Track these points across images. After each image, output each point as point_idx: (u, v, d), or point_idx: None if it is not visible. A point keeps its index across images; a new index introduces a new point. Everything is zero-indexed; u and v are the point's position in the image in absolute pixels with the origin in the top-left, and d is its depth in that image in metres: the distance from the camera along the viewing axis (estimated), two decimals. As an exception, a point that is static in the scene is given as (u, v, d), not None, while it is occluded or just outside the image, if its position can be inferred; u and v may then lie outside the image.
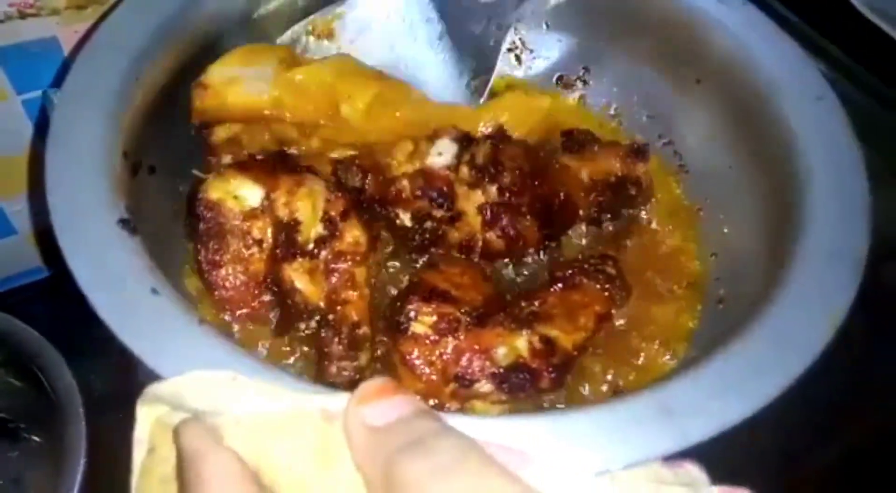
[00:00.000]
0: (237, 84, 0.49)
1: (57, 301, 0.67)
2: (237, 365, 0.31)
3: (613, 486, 0.28)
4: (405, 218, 0.47)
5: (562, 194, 0.49)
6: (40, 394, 0.54)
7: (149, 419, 0.30)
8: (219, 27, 0.49)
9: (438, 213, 0.47)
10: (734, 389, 0.32)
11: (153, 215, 0.43)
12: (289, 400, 0.29)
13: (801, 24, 0.78)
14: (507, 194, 0.46)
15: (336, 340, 0.41)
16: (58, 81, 0.51)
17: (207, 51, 0.49)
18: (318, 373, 0.41)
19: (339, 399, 0.28)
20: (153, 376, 0.30)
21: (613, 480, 0.28)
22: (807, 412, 0.52)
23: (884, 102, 0.72)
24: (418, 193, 0.46)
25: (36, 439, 0.59)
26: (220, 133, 0.50)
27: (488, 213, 0.46)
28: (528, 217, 0.47)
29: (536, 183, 0.47)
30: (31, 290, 0.70)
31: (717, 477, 0.29)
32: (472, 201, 0.47)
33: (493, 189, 0.46)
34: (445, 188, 0.46)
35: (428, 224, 0.47)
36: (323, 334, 0.41)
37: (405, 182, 0.46)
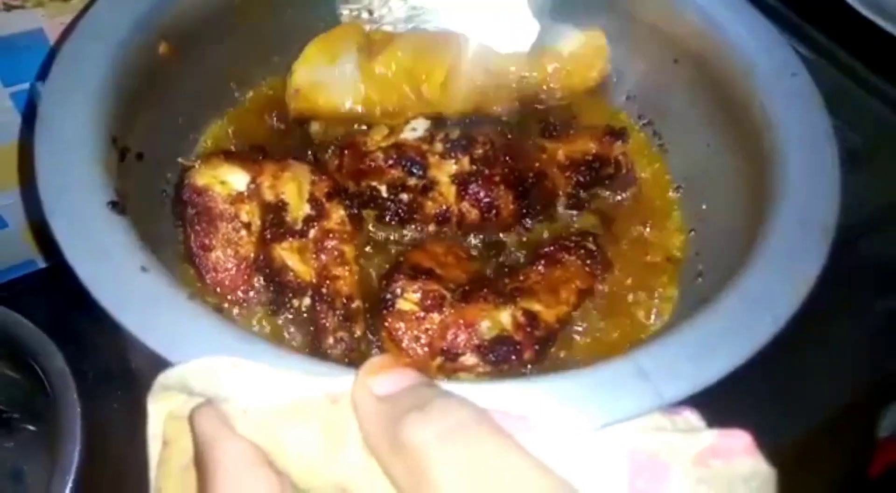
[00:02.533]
0: (325, 88, 0.52)
1: (50, 294, 0.68)
2: (227, 338, 0.32)
3: (613, 439, 0.29)
4: (381, 190, 0.48)
5: (536, 169, 0.50)
6: (35, 384, 0.54)
7: (161, 413, 0.31)
8: (204, 12, 0.50)
9: (412, 181, 0.48)
10: (707, 352, 0.33)
11: (141, 202, 0.43)
12: (293, 386, 0.29)
13: (782, 7, 0.79)
14: (479, 165, 0.48)
15: (331, 313, 0.42)
16: (45, 73, 0.52)
17: (193, 37, 0.49)
18: (314, 347, 0.42)
19: (343, 381, 0.29)
20: (146, 361, 0.31)
21: (612, 435, 0.29)
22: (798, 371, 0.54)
23: (864, 85, 0.74)
24: (391, 161, 0.47)
25: (31, 428, 0.60)
26: (316, 127, 0.53)
27: (460, 182, 0.48)
28: (502, 188, 0.48)
29: (509, 157, 0.48)
30: (24, 283, 0.71)
31: (716, 422, 0.30)
32: (444, 171, 0.48)
33: (465, 160, 0.48)
34: (417, 157, 0.47)
35: (403, 196, 0.48)
36: (318, 309, 0.42)
37: (379, 153, 0.47)
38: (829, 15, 0.72)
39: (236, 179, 0.44)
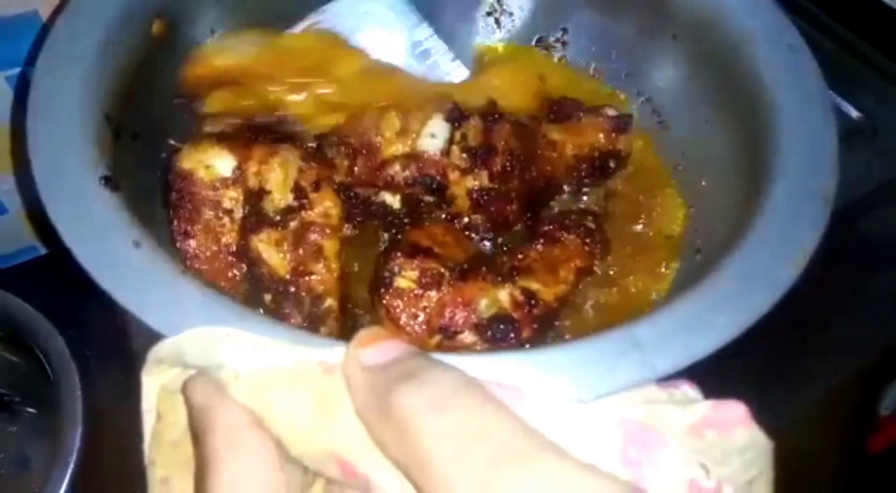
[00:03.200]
0: (225, 51, 0.49)
1: (51, 279, 0.68)
2: (221, 311, 0.32)
3: (606, 410, 0.29)
4: (394, 201, 0.48)
5: (547, 173, 0.50)
6: (36, 367, 0.54)
7: (154, 388, 0.31)
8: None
9: (430, 198, 0.47)
10: (701, 325, 0.33)
11: (135, 182, 0.43)
12: (287, 354, 0.29)
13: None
14: (497, 181, 0.47)
15: (297, 311, 0.41)
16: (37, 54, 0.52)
17: (187, 16, 0.49)
18: None
19: (338, 351, 0.29)
20: (144, 337, 0.31)
21: (607, 405, 0.29)
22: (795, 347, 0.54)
23: (869, 64, 0.73)
24: (411, 180, 0.46)
25: (33, 411, 0.60)
26: (210, 104, 0.49)
27: (479, 200, 0.47)
28: (515, 203, 0.48)
29: (525, 166, 0.48)
30: (24, 268, 0.71)
31: (715, 397, 0.30)
32: (463, 187, 0.47)
33: (484, 175, 0.47)
34: (439, 176, 0.46)
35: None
36: (283, 306, 0.41)
37: (397, 167, 0.46)
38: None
39: (222, 163, 0.43)
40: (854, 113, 0.69)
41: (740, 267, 0.36)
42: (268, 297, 0.42)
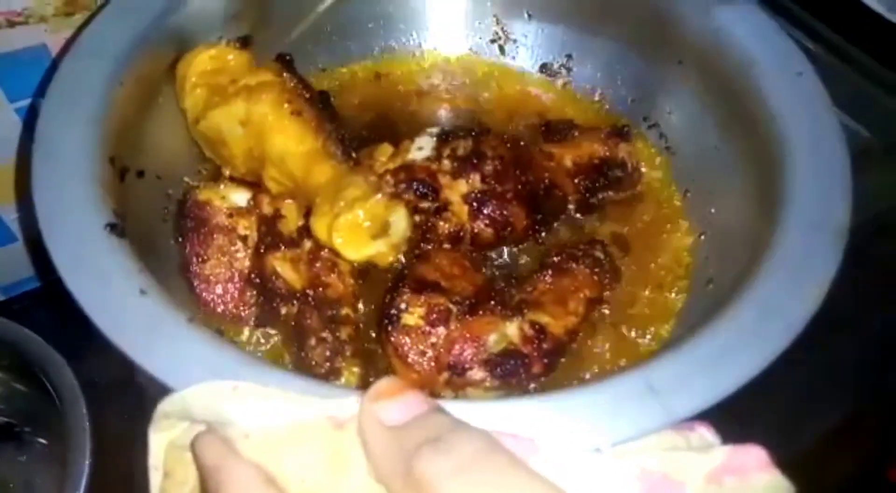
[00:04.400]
0: None
1: (59, 306, 0.68)
2: (228, 361, 0.31)
3: (624, 460, 0.28)
4: None
5: (546, 180, 0.49)
6: (45, 397, 0.54)
7: (162, 444, 0.31)
8: (202, 25, 0.49)
9: (425, 205, 0.47)
10: (718, 365, 0.32)
11: (142, 219, 0.43)
12: (295, 409, 0.29)
13: (793, 4, 0.78)
14: (491, 182, 0.47)
15: (315, 314, 0.41)
16: (45, 89, 0.52)
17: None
18: (298, 349, 0.42)
19: (347, 405, 0.28)
20: (150, 377, 0.31)
21: (624, 454, 0.29)
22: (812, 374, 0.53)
23: (878, 82, 0.72)
24: (402, 187, 0.46)
25: (42, 441, 0.60)
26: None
27: (474, 201, 0.47)
28: (514, 203, 0.48)
29: (519, 171, 0.47)
30: (32, 296, 0.71)
31: (729, 432, 0.30)
32: (456, 191, 0.47)
33: (477, 178, 0.47)
34: (428, 179, 0.47)
35: (416, 218, 0.47)
36: (303, 311, 0.42)
37: (389, 178, 0.47)
38: (841, 11, 0.70)
39: (237, 195, 0.44)
40: (864, 132, 0.68)
41: (754, 304, 0.35)
42: (284, 310, 0.43)
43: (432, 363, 0.41)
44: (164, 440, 0.30)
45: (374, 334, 0.45)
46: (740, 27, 0.49)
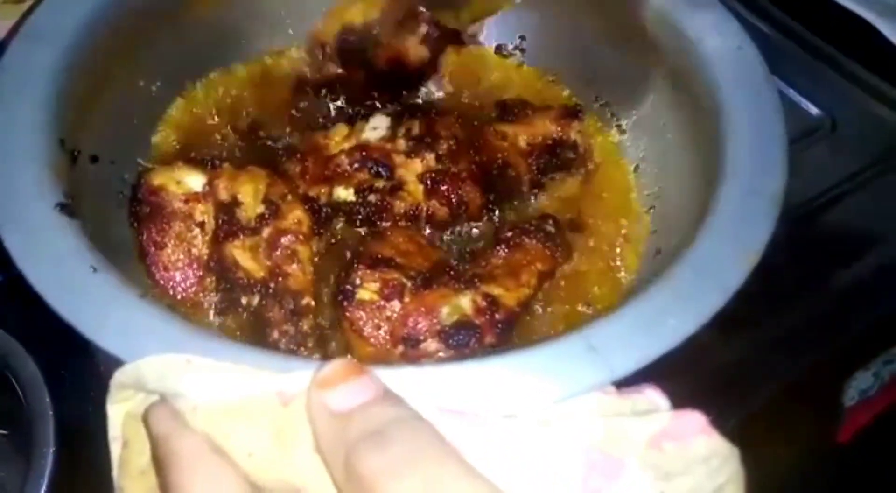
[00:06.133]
0: None
1: (19, 300, 0.67)
2: (180, 334, 0.32)
3: (567, 434, 0.29)
4: (348, 194, 0.48)
5: (500, 160, 0.50)
6: (6, 388, 0.54)
7: (119, 415, 0.31)
8: (150, 6, 0.50)
9: (380, 183, 0.48)
10: (656, 324, 0.34)
11: (97, 204, 0.43)
12: (245, 383, 0.29)
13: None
14: (445, 161, 0.48)
15: (277, 306, 0.42)
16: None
17: (140, 38, 0.49)
18: (261, 339, 0.42)
19: (295, 381, 0.29)
20: (112, 362, 0.31)
21: (567, 421, 0.30)
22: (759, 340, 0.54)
23: (828, 61, 0.74)
24: (356, 165, 0.47)
25: (5, 432, 0.60)
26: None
27: (428, 180, 0.48)
28: (469, 183, 0.49)
29: (473, 151, 0.48)
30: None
31: (678, 398, 0.31)
32: (411, 170, 0.48)
33: (431, 157, 0.48)
34: (383, 158, 0.48)
35: (371, 197, 0.48)
36: (264, 303, 0.42)
37: (343, 157, 0.47)
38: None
39: (192, 180, 0.44)
40: (813, 110, 0.70)
41: (691, 267, 0.37)
42: (245, 300, 0.43)
43: (388, 337, 0.42)
44: (121, 411, 0.31)
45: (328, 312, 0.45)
46: (684, 5, 0.50)
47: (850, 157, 0.68)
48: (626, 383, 0.32)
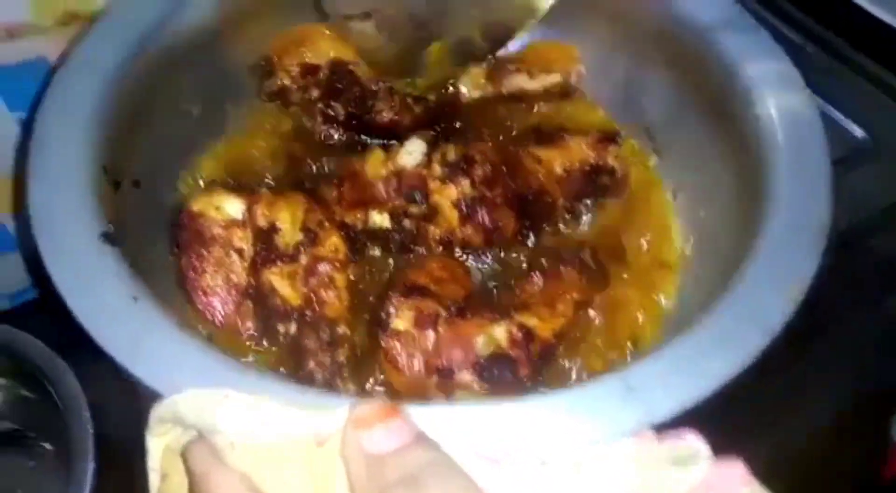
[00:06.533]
0: None
1: (63, 314, 0.69)
2: (217, 367, 0.32)
3: (598, 476, 0.29)
4: (384, 219, 0.48)
5: (536, 185, 0.50)
6: (49, 404, 0.55)
7: (159, 447, 0.32)
8: (197, 35, 0.50)
9: (415, 210, 0.48)
10: (696, 365, 0.33)
11: (138, 227, 0.44)
12: (281, 422, 0.30)
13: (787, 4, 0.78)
14: (481, 187, 0.48)
15: (314, 336, 0.42)
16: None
17: (183, 64, 0.50)
18: (297, 368, 0.42)
19: (332, 421, 0.29)
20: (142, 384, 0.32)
21: (603, 467, 0.29)
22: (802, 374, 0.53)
23: (873, 81, 0.72)
24: (392, 191, 0.47)
25: (48, 447, 0.61)
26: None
27: (464, 207, 0.48)
28: (504, 209, 0.48)
29: (508, 176, 0.48)
30: (37, 304, 0.72)
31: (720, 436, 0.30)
32: (446, 196, 0.48)
33: (466, 183, 0.48)
34: (418, 184, 0.48)
35: (406, 223, 0.48)
36: (302, 332, 0.43)
37: (379, 184, 0.48)
38: (836, 10, 0.70)
39: (232, 206, 0.45)
40: (858, 132, 0.69)
41: (733, 305, 0.36)
42: (282, 328, 0.44)
43: (422, 367, 0.42)
44: (160, 444, 0.32)
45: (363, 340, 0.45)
46: (723, 30, 0.49)
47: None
48: (666, 425, 0.32)
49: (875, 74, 0.72)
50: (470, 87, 0.58)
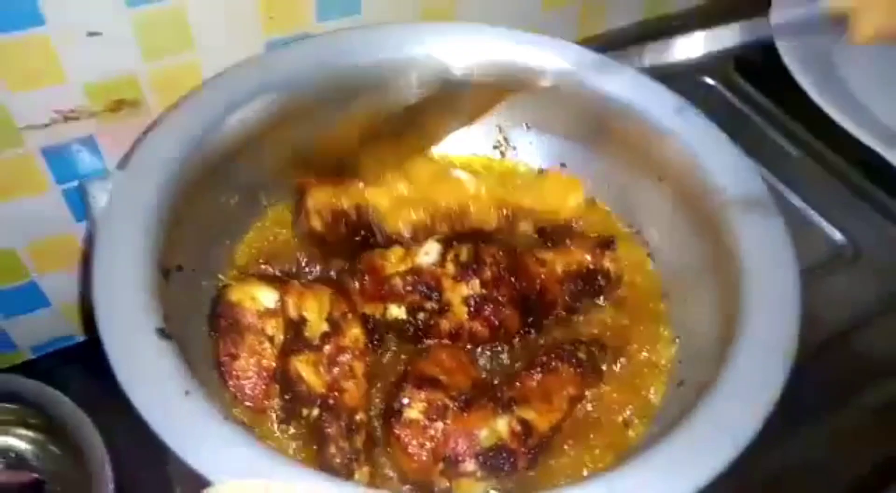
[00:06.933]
0: None
1: (87, 365, 0.73)
2: (260, 459, 0.37)
3: None
4: (401, 311, 0.53)
5: (538, 285, 0.55)
6: (73, 458, 0.59)
7: None
8: (241, 140, 0.56)
9: (429, 305, 0.53)
10: (675, 472, 0.38)
11: (179, 312, 0.49)
12: None
13: (772, 105, 0.84)
14: (489, 287, 0.53)
15: (336, 423, 0.47)
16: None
17: (230, 161, 0.56)
18: (318, 453, 0.47)
19: None
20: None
21: None
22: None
23: (853, 189, 0.78)
24: (409, 288, 0.52)
25: (68, 500, 0.65)
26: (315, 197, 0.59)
27: (472, 304, 0.53)
28: (509, 307, 0.53)
29: (514, 277, 0.54)
30: (62, 355, 0.76)
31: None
32: (457, 293, 0.53)
33: (476, 283, 0.53)
34: (433, 282, 0.53)
35: (421, 315, 0.53)
36: (324, 418, 0.47)
37: (397, 279, 0.53)
38: (816, 115, 0.76)
39: (265, 296, 0.50)
40: (838, 236, 0.74)
41: (708, 419, 0.41)
42: (306, 411, 0.48)
43: (430, 455, 0.46)
44: None
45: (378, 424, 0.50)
46: (709, 156, 0.56)
47: (874, 282, 0.71)
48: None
49: (856, 182, 0.78)
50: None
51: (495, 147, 0.67)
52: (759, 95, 0.85)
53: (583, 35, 0.81)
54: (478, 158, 0.67)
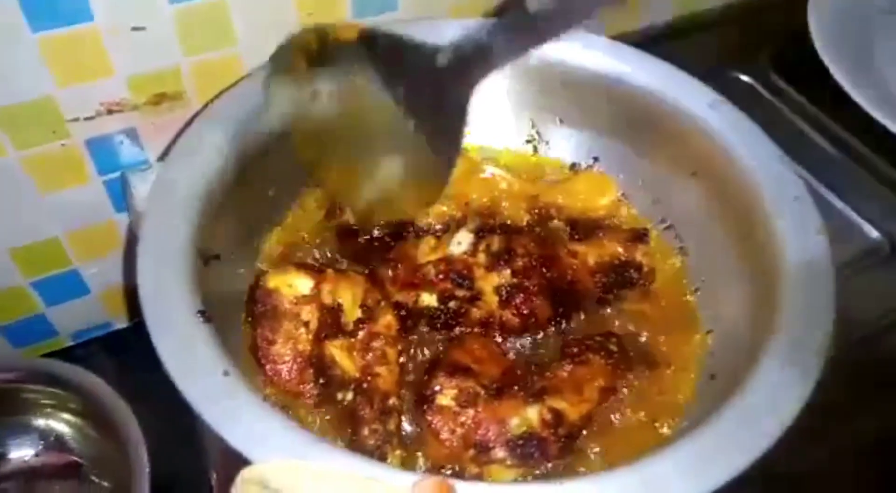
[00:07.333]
0: None
1: (123, 352, 0.76)
2: (299, 439, 0.38)
3: None
4: (432, 299, 0.54)
5: (569, 276, 0.56)
6: (111, 442, 0.61)
7: None
8: (279, 132, 0.57)
9: (460, 293, 0.54)
10: (704, 466, 0.38)
11: (217, 296, 0.50)
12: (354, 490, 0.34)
13: (806, 102, 0.84)
14: (520, 277, 0.53)
15: (369, 406, 0.48)
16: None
17: (269, 154, 0.57)
18: (352, 436, 0.48)
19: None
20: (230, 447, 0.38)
21: None
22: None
23: (889, 183, 0.77)
24: (441, 276, 0.53)
25: (107, 484, 0.67)
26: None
27: (504, 293, 0.53)
28: (539, 297, 0.54)
29: (546, 268, 0.54)
30: (100, 342, 0.79)
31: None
32: (488, 282, 0.54)
33: (507, 272, 0.53)
34: (465, 271, 0.54)
35: (452, 304, 0.54)
36: (358, 401, 0.48)
37: (430, 267, 0.54)
38: (854, 112, 0.76)
39: (302, 283, 0.51)
40: (874, 233, 0.73)
41: (736, 415, 0.41)
42: (340, 395, 0.50)
43: (461, 441, 0.47)
44: None
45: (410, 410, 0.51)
46: (743, 150, 0.55)
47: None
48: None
49: (892, 179, 0.77)
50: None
51: (528, 141, 0.68)
52: (795, 93, 0.85)
53: (615, 32, 0.81)
54: (510, 151, 0.68)
